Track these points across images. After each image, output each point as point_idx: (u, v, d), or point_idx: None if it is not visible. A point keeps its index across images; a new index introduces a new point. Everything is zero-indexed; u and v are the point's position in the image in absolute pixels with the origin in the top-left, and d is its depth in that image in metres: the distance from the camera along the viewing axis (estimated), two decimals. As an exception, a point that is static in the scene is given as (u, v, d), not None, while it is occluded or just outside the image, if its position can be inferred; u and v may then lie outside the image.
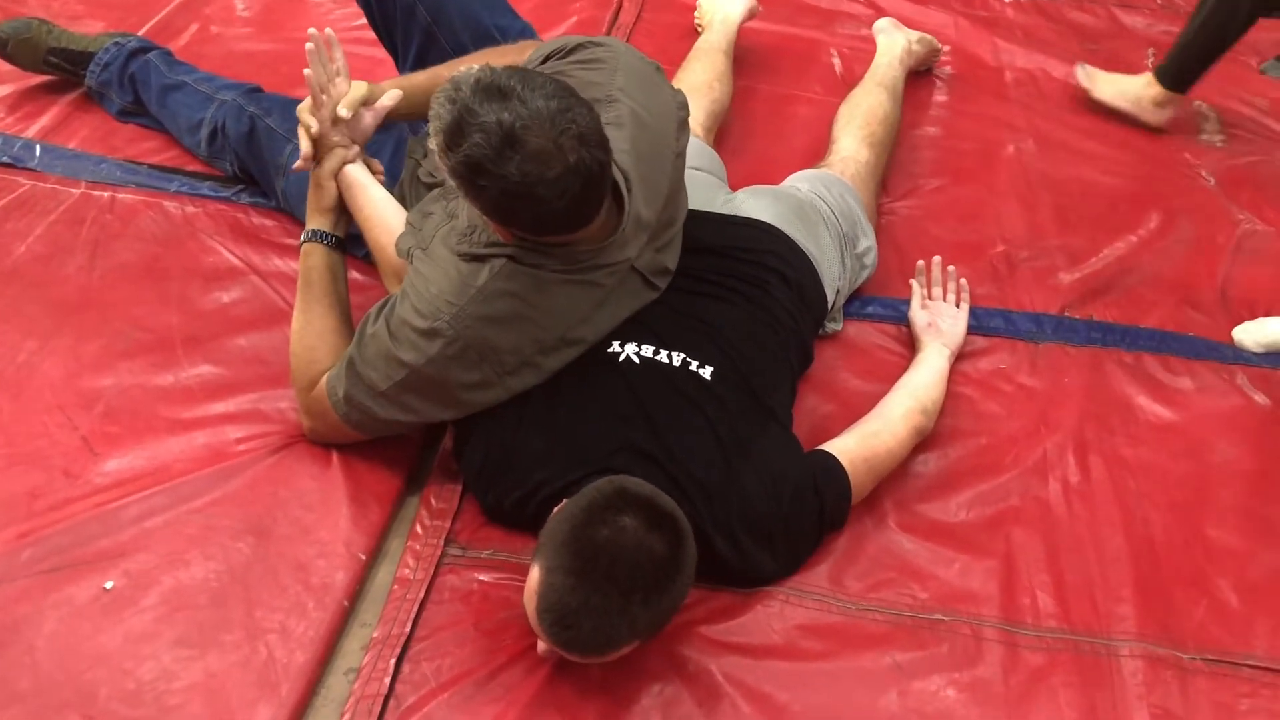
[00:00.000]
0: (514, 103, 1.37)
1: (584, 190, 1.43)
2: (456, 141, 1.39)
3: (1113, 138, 2.66)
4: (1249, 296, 2.24)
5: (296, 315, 1.75)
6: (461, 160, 1.39)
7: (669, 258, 1.73)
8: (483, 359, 1.56)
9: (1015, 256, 2.28)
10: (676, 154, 1.73)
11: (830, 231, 2.00)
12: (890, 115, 2.43)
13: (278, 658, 1.49)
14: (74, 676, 1.45)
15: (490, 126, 1.36)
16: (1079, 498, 1.80)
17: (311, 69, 1.76)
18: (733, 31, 2.68)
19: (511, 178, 1.38)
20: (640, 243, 1.63)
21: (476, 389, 1.59)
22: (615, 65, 1.68)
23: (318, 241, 1.78)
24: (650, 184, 1.63)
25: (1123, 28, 3.10)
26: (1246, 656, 1.59)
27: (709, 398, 1.64)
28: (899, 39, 2.67)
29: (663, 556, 1.40)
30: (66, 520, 1.61)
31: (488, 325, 1.55)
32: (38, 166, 2.25)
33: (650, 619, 1.42)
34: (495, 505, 1.66)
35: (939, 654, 1.57)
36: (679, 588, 1.43)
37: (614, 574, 1.36)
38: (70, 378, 1.83)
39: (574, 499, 1.45)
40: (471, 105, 1.37)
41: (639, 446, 1.58)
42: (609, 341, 1.66)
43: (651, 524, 1.40)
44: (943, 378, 1.91)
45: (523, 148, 1.37)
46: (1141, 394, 2.00)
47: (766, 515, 1.59)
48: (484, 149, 1.37)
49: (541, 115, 1.37)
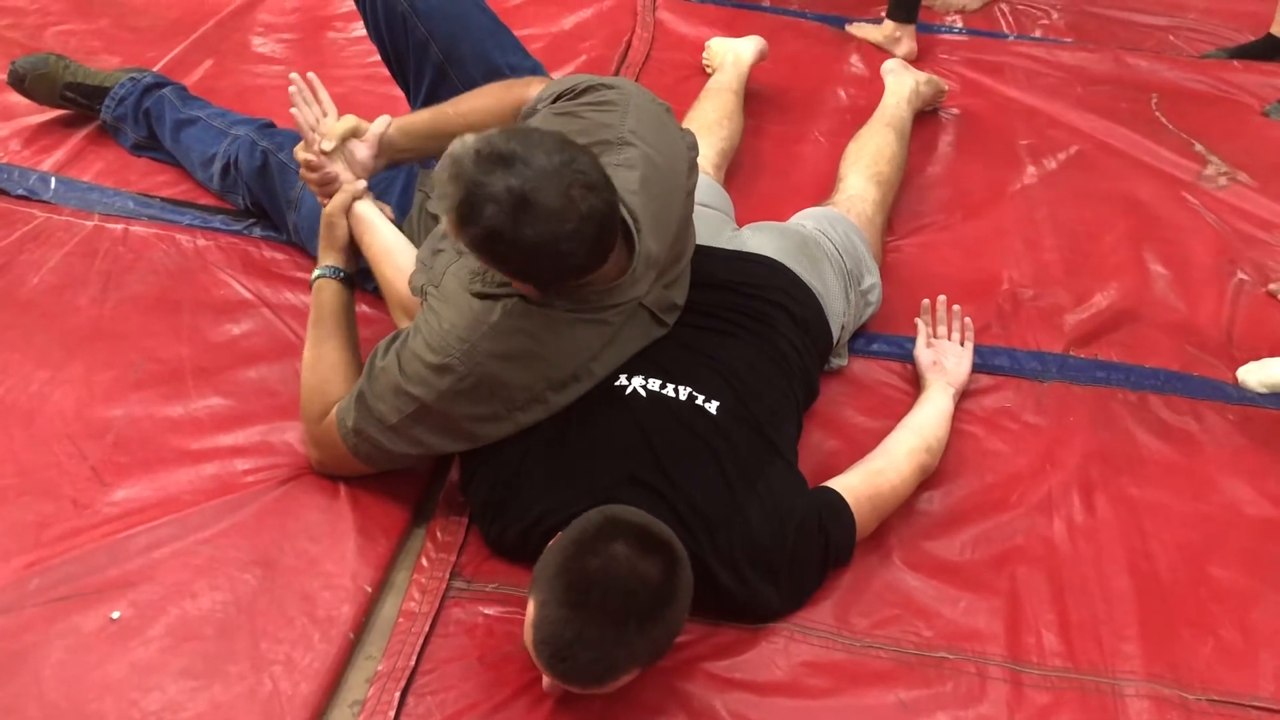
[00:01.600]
0: (518, 167, 1.39)
1: (599, 235, 1.45)
2: (470, 217, 1.40)
3: (1118, 179, 2.68)
4: (1253, 338, 2.25)
5: (308, 349, 1.77)
6: (479, 234, 1.41)
7: (677, 294, 1.75)
8: (493, 395, 1.57)
9: (1020, 295, 2.29)
10: (686, 193, 1.75)
11: (834, 268, 2.02)
12: (897, 155, 2.45)
13: (283, 690, 1.49)
14: (80, 706, 1.45)
15: (500, 196, 1.38)
16: (1084, 536, 1.80)
17: (297, 110, 1.82)
18: (744, 72, 2.72)
19: (530, 240, 1.40)
20: (649, 280, 1.64)
21: (486, 423, 1.60)
22: (626, 107, 1.70)
23: (330, 277, 1.80)
24: (661, 223, 1.65)
25: (1126, 70, 3.13)
26: (1252, 698, 1.59)
27: (715, 432, 1.64)
28: (907, 80, 2.70)
29: (657, 582, 1.39)
30: (75, 550, 1.62)
31: (499, 362, 1.56)
32: (53, 199, 2.28)
33: (648, 646, 1.41)
34: (499, 537, 1.66)
35: (944, 692, 1.57)
36: (676, 613, 1.43)
37: (607, 604, 1.36)
38: (81, 408, 1.84)
39: (565, 531, 1.45)
40: (477, 178, 1.39)
41: (644, 479, 1.58)
42: (615, 375, 1.67)
43: (644, 550, 1.39)
44: (947, 417, 1.92)
45: (536, 209, 1.38)
46: (1146, 433, 2.00)
47: (771, 550, 1.59)
48: (499, 219, 1.38)
49: (548, 173, 1.39)
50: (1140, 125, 2.88)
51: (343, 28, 2.93)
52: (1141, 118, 2.92)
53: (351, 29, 2.88)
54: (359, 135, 1.83)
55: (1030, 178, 2.66)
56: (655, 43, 3.04)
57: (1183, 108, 2.97)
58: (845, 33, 3.18)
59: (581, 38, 2.98)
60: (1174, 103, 2.99)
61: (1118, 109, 2.94)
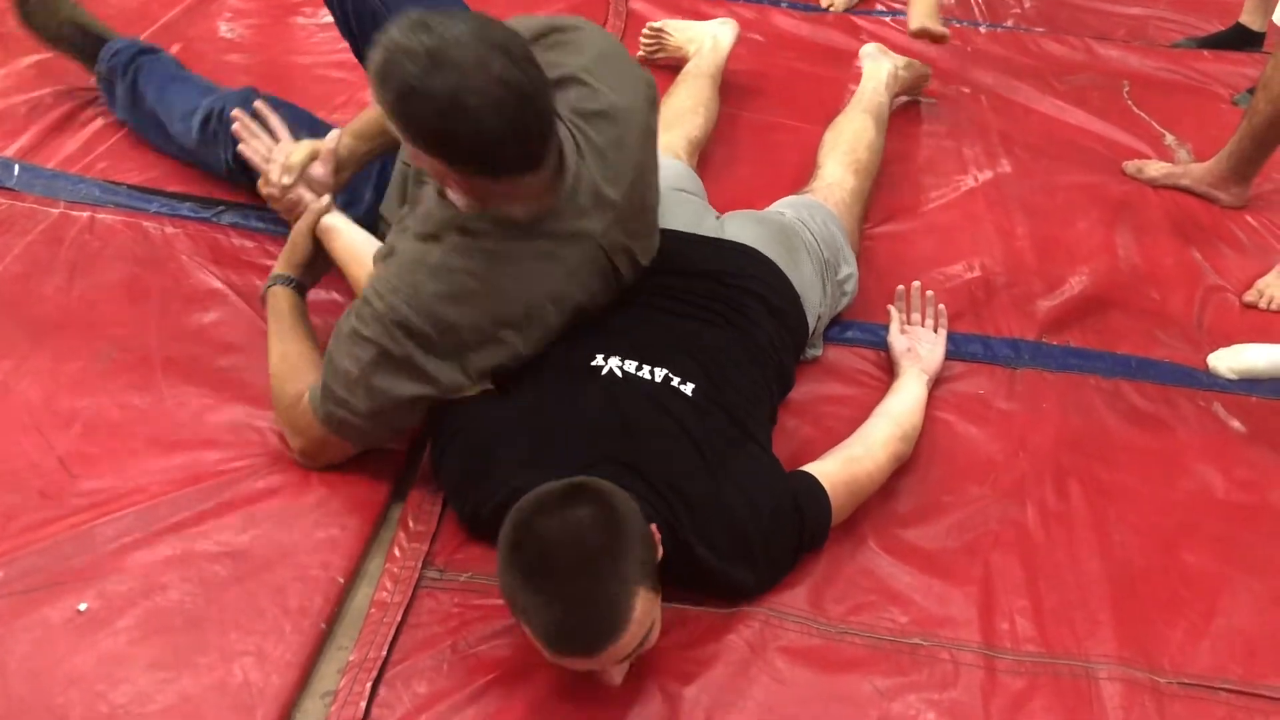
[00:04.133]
0: (437, 30, 1.42)
1: (520, 108, 1.45)
2: (387, 74, 1.43)
3: (1090, 166, 2.70)
4: (1223, 324, 2.26)
5: (272, 350, 1.77)
6: (393, 92, 1.44)
7: (642, 249, 1.73)
8: (443, 335, 1.58)
9: (993, 283, 2.30)
10: (643, 132, 1.73)
11: (812, 258, 2.01)
12: (875, 142, 2.44)
13: (253, 681, 1.47)
14: (46, 699, 1.43)
15: (415, 51, 1.41)
16: (1057, 522, 1.81)
17: (245, 146, 1.84)
18: (723, 57, 2.70)
19: (440, 93, 1.41)
20: (606, 220, 1.64)
21: (443, 363, 1.60)
22: (580, 45, 1.71)
23: (284, 285, 1.82)
24: (611, 162, 1.64)
25: (1097, 59, 3.15)
26: (1223, 681, 1.60)
27: (690, 414, 1.64)
28: (885, 64, 2.68)
29: (595, 517, 1.35)
30: (42, 541, 1.60)
31: (443, 302, 1.57)
32: (16, 186, 2.25)
33: (631, 567, 1.35)
34: (474, 515, 1.64)
35: (918, 678, 1.57)
36: (633, 528, 1.37)
37: (564, 563, 1.32)
38: (48, 398, 1.81)
39: (498, 548, 1.40)
40: (397, 39, 1.43)
41: (619, 458, 1.57)
42: (592, 355, 1.67)
43: (565, 503, 1.36)
44: (922, 404, 1.92)
45: (447, 63, 1.41)
46: (1118, 419, 2.01)
47: (747, 530, 1.59)
48: (411, 72, 1.41)
49: (463, 34, 1.43)
50: (1112, 113, 2.90)
51: (311, 13, 2.90)
52: (1113, 106, 2.93)
53: (320, 14, 2.84)
54: (317, 157, 1.86)
55: (1002, 166, 2.67)
56: (627, 31, 3.03)
57: (1153, 97, 2.99)
58: (818, 16, 3.18)
59: (554, 25, 2.96)
60: (1145, 92, 3.01)
61: (1089, 97, 2.96)
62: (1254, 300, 2.32)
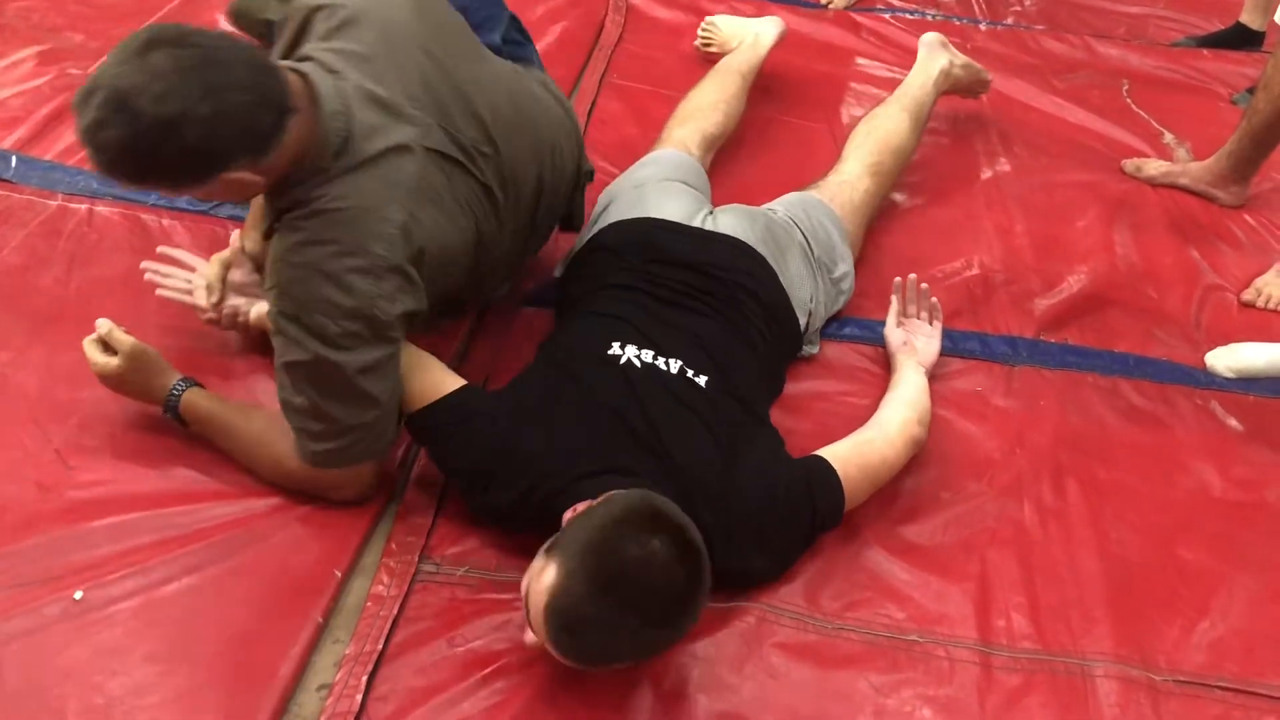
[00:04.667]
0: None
1: (214, 81, 1.35)
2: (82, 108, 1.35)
3: (1089, 165, 2.70)
4: (1221, 323, 2.26)
5: (233, 446, 1.70)
6: (91, 119, 1.34)
7: (474, 130, 1.65)
8: (329, 317, 1.51)
9: (992, 280, 2.30)
10: (411, 13, 1.63)
11: (801, 255, 2.01)
12: (905, 144, 2.34)
13: (249, 673, 1.47)
14: (41, 691, 1.43)
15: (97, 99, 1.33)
16: (1054, 519, 1.81)
17: (163, 291, 1.87)
18: (761, 56, 2.62)
19: (161, 129, 1.32)
20: (420, 125, 1.56)
21: (352, 334, 1.52)
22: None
23: (184, 389, 1.71)
24: (380, 64, 1.56)
25: (1097, 57, 3.15)
26: (1218, 679, 1.60)
27: (705, 404, 1.66)
28: (939, 60, 2.50)
29: (682, 589, 1.37)
30: (38, 534, 1.60)
31: (303, 285, 1.51)
32: (13, 178, 2.24)
33: (653, 646, 1.42)
34: (491, 505, 1.62)
35: (914, 675, 1.57)
36: (687, 621, 1.41)
37: (634, 597, 1.33)
38: (45, 390, 1.81)
39: (605, 506, 1.41)
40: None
41: (643, 445, 1.58)
42: (609, 344, 1.69)
43: (680, 554, 1.37)
44: (928, 390, 1.91)
45: (129, 107, 1.33)
46: (1116, 417, 2.01)
47: (760, 513, 1.60)
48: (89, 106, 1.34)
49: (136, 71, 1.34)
50: (1111, 112, 2.90)
51: (311, 7, 2.89)
52: (1112, 104, 2.93)
53: (321, 8, 2.84)
54: (230, 266, 1.86)
55: (1001, 163, 2.66)
56: (627, 26, 3.02)
57: (1153, 95, 2.99)
58: (818, 13, 3.17)
59: (553, 20, 2.96)
60: (1144, 90, 3.00)
61: (1089, 95, 2.96)
62: (1252, 299, 2.32)
